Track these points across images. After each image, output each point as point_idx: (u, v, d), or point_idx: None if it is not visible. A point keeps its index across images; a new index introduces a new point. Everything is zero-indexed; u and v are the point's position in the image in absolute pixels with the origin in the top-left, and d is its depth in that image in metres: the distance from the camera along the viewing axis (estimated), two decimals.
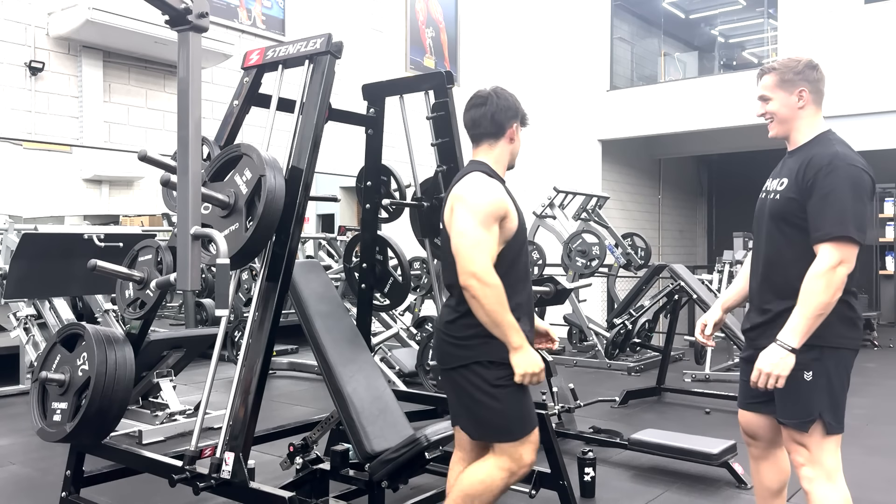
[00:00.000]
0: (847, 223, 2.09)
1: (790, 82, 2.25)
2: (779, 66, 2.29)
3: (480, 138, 2.39)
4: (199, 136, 2.33)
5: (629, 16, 13.68)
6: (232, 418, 2.56)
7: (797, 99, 2.26)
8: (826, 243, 2.10)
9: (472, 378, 2.28)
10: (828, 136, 2.27)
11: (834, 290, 2.08)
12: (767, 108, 2.31)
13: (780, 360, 2.10)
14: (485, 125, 2.36)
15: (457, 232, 2.24)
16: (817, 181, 2.14)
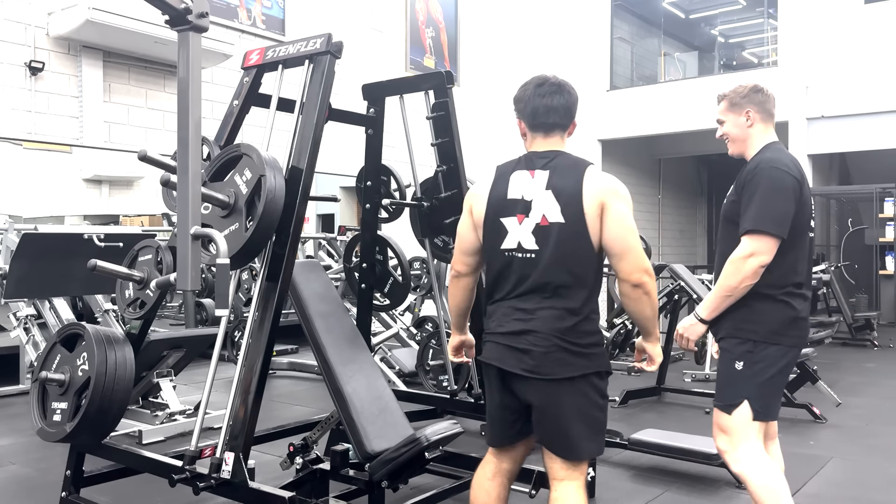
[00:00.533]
0: (763, 219, 2.34)
1: (738, 105, 2.54)
2: (728, 93, 2.59)
3: (554, 128, 2.22)
4: (199, 136, 2.33)
5: (629, 16, 13.68)
6: (232, 418, 2.55)
7: (745, 119, 2.53)
8: (745, 236, 2.37)
9: (590, 391, 2.11)
10: (769, 146, 2.53)
11: (741, 278, 2.36)
12: (723, 130, 2.60)
13: (690, 326, 2.50)
14: (562, 115, 2.21)
15: (628, 228, 2.10)
16: (746, 183, 2.44)
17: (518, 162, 2.23)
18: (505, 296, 2.18)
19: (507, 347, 2.15)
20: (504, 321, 2.17)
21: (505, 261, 2.17)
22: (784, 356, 2.42)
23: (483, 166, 5.62)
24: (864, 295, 9.92)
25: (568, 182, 2.12)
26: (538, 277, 2.12)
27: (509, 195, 2.17)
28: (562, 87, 2.21)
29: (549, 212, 2.12)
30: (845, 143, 10.95)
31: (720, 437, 2.48)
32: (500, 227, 2.17)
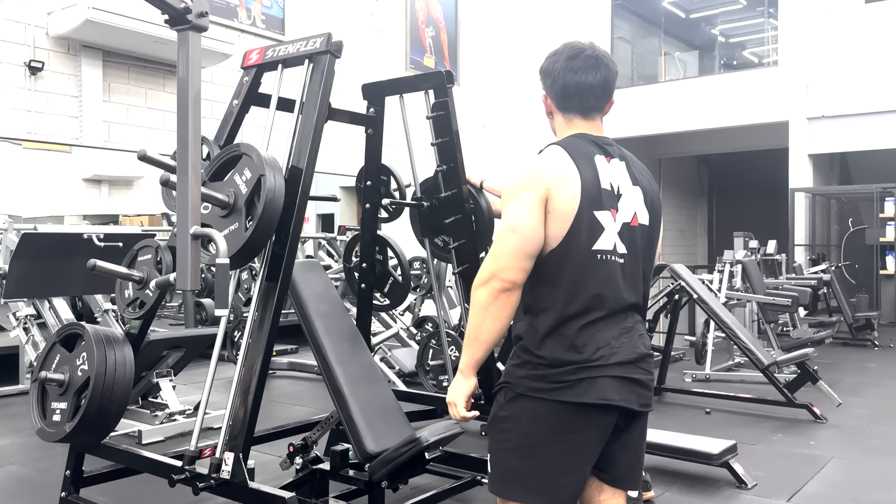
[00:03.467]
0: None
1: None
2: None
3: (591, 111, 1.91)
4: (198, 136, 2.33)
5: (629, 15, 13.68)
6: (232, 418, 2.55)
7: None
8: None
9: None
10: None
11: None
12: None
13: None
14: (598, 95, 1.90)
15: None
16: None
17: (583, 142, 1.83)
18: (607, 313, 1.74)
19: (625, 380, 1.73)
20: (616, 346, 1.73)
21: (597, 265, 1.73)
22: None
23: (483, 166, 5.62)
24: (865, 295, 9.91)
25: (646, 179, 1.89)
26: (629, 288, 1.79)
27: (602, 183, 1.77)
28: (600, 61, 1.87)
29: (640, 210, 1.84)
30: (846, 142, 10.95)
31: None
32: (595, 222, 1.74)
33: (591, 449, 1.75)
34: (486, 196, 3.38)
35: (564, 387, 1.69)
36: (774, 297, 6.66)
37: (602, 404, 1.70)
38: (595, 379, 1.70)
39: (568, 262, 1.72)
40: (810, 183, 11.18)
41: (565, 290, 1.72)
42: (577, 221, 1.71)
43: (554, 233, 1.72)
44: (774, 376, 5.19)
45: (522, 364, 1.76)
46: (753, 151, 13.51)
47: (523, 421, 1.74)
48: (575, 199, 1.71)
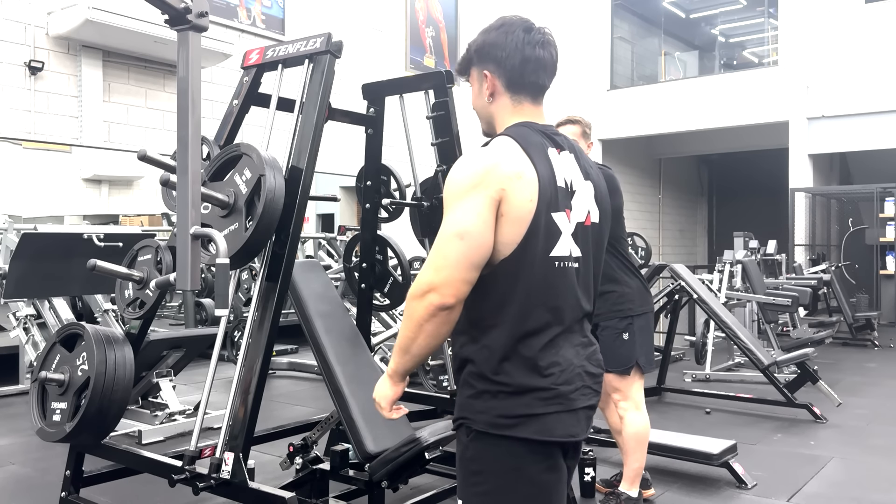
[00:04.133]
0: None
1: (588, 136, 3.25)
2: (582, 121, 3.25)
3: (542, 93, 1.67)
4: (198, 136, 2.33)
5: (629, 15, 13.68)
6: (232, 418, 2.55)
7: (588, 147, 3.22)
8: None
9: None
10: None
11: None
12: None
13: None
14: (551, 74, 1.67)
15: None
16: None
17: (533, 131, 1.58)
18: (566, 327, 1.53)
19: (586, 409, 1.56)
20: (577, 366, 1.53)
21: (555, 273, 1.50)
22: (651, 320, 3.29)
23: None
24: (865, 295, 9.91)
25: (597, 174, 1.66)
26: (584, 296, 1.58)
27: (558, 181, 1.53)
28: (550, 38, 1.68)
29: (592, 208, 1.60)
30: (846, 142, 10.95)
31: (617, 391, 3.16)
32: (553, 225, 1.50)
33: (565, 482, 1.58)
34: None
35: (529, 421, 1.47)
36: (774, 297, 6.66)
37: (571, 441, 1.53)
38: (560, 414, 1.49)
39: (523, 272, 1.47)
40: (810, 183, 11.18)
41: (521, 303, 1.48)
42: (533, 225, 1.47)
43: (507, 238, 1.46)
44: (774, 376, 5.19)
45: (479, 395, 1.49)
46: (753, 151, 13.51)
47: (491, 462, 1.49)
48: (532, 200, 1.46)
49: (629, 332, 3.13)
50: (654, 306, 3.44)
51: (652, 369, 3.45)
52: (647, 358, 3.17)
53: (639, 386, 3.21)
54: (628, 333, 3.13)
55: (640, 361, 3.15)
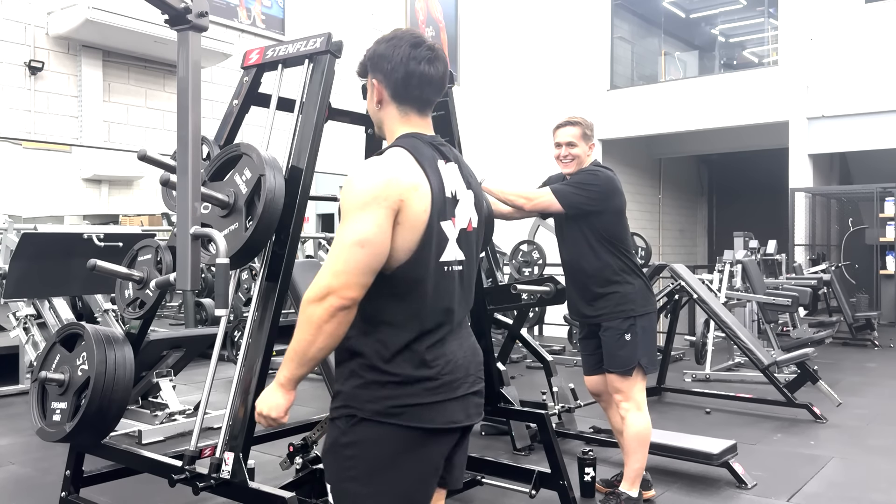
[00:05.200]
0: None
1: (589, 137, 3.24)
2: (581, 122, 3.23)
3: (429, 106, 1.77)
4: (198, 136, 2.33)
5: (629, 15, 13.68)
6: (231, 418, 2.55)
7: (589, 148, 3.24)
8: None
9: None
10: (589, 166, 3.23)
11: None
12: (571, 152, 3.21)
13: None
14: (438, 90, 1.78)
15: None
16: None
17: (423, 144, 1.69)
18: (454, 326, 1.69)
19: (469, 396, 1.70)
20: (461, 359, 1.69)
21: (444, 277, 1.65)
22: (654, 320, 3.28)
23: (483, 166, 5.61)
24: (865, 295, 9.91)
25: (474, 181, 1.80)
26: (466, 296, 1.74)
27: (446, 191, 1.67)
28: (438, 54, 1.75)
29: (473, 215, 1.75)
30: (846, 142, 10.95)
31: (619, 392, 3.16)
32: (442, 233, 1.64)
33: (438, 467, 1.69)
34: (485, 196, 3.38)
35: (414, 410, 1.59)
36: (774, 297, 6.66)
37: (450, 428, 1.65)
38: (444, 402, 1.63)
39: (419, 277, 1.60)
40: (810, 183, 11.18)
41: (417, 305, 1.61)
42: (426, 234, 1.59)
43: (404, 245, 1.58)
44: (774, 376, 5.19)
45: (367, 385, 1.60)
46: (753, 151, 13.52)
47: (370, 446, 1.60)
48: (426, 210, 1.59)
49: (632, 332, 3.11)
50: (656, 306, 3.41)
51: (654, 370, 3.46)
52: (649, 359, 3.16)
53: (641, 387, 3.19)
54: (630, 334, 3.11)
55: (643, 362, 3.13)
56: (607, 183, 3.18)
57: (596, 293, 3.16)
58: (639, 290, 3.17)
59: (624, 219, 3.24)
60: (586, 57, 12.81)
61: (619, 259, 3.16)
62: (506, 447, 4.16)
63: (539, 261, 7.57)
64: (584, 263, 3.18)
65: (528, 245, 7.67)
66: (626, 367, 3.12)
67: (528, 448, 4.12)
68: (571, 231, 3.21)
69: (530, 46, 13.08)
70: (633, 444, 3.15)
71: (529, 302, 3.62)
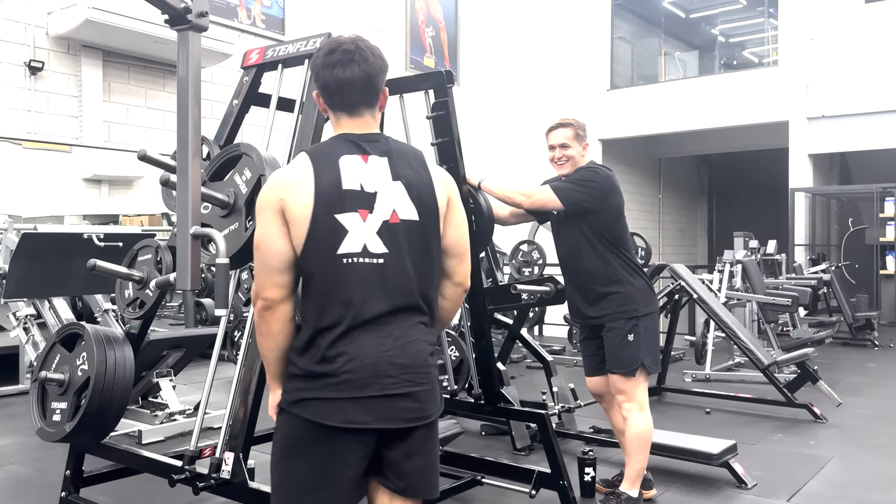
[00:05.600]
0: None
1: (581, 137, 3.22)
2: (573, 123, 3.23)
3: (356, 107, 1.77)
4: (198, 136, 2.33)
5: (629, 15, 13.68)
6: (232, 418, 2.55)
7: (583, 149, 3.23)
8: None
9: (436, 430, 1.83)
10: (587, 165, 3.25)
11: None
12: (566, 153, 3.20)
13: None
14: (361, 90, 1.75)
15: (466, 228, 1.84)
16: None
17: (338, 144, 1.75)
18: (364, 320, 1.65)
19: (385, 398, 1.65)
20: (374, 358, 1.65)
21: (344, 269, 1.65)
22: (657, 319, 3.30)
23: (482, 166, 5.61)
24: (865, 295, 9.91)
25: (416, 173, 1.76)
26: (394, 290, 1.68)
27: (345, 185, 1.69)
28: (357, 54, 1.73)
29: (401, 206, 1.71)
30: (846, 142, 10.95)
31: (622, 392, 3.14)
32: (337, 225, 1.66)
33: (346, 464, 1.66)
34: (485, 196, 3.38)
35: (313, 404, 1.64)
36: (774, 297, 6.66)
37: (349, 428, 1.63)
38: (343, 401, 1.63)
39: (311, 270, 1.67)
40: (810, 183, 11.18)
41: (317, 299, 1.66)
42: (313, 227, 1.65)
43: (295, 241, 1.66)
44: (774, 376, 5.19)
45: (290, 377, 1.71)
46: (753, 151, 13.51)
47: (283, 436, 1.70)
48: (307, 204, 1.65)
49: (635, 333, 3.09)
50: (658, 305, 3.42)
51: (657, 370, 3.44)
52: (652, 359, 3.16)
53: (643, 387, 3.18)
54: (634, 334, 3.09)
55: (646, 363, 3.12)
56: (607, 181, 3.18)
57: (598, 293, 3.15)
58: (641, 289, 3.16)
59: (623, 218, 3.23)
60: (586, 57, 12.81)
61: (620, 258, 3.15)
62: (506, 447, 4.16)
63: (539, 261, 7.57)
64: (585, 263, 3.16)
65: (528, 245, 7.67)
66: (629, 368, 3.11)
67: (528, 448, 4.12)
68: (571, 231, 3.20)
69: (530, 46, 13.08)
70: (634, 445, 3.14)
71: (529, 302, 3.61)
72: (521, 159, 11.47)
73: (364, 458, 1.67)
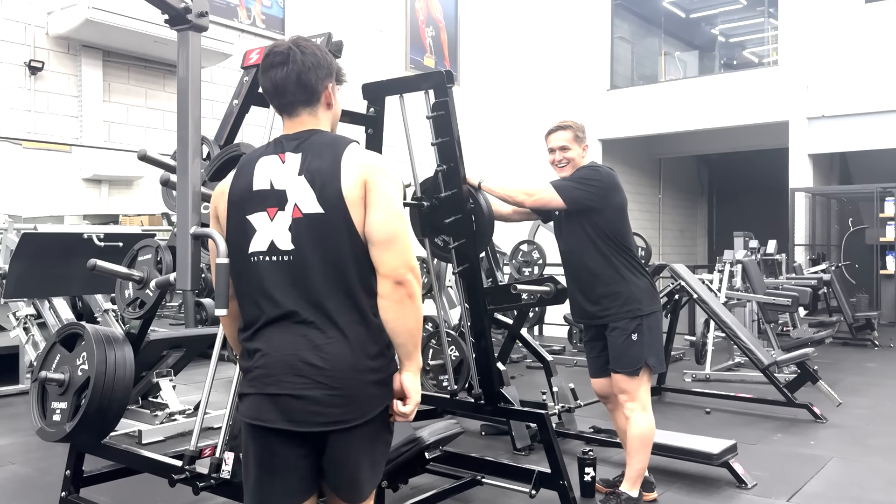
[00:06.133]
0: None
1: (580, 139, 3.25)
2: (572, 125, 3.25)
3: (293, 106, 1.78)
4: (198, 136, 2.33)
5: (629, 15, 13.68)
6: (232, 418, 2.55)
7: (583, 150, 3.26)
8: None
9: (388, 426, 1.78)
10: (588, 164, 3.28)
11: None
12: (566, 155, 3.23)
13: None
14: (294, 90, 1.76)
15: (395, 212, 1.69)
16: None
17: (266, 147, 1.81)
18: (273, 318, 1.66)
19: (283, 397, 1.63)
20: (279, 356, 1.65)
21: (251, 268, 1.69)
22: (660, 319, 3.30)
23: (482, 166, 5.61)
24: (865, 294, 9.91)
25: (323, 163, 1.70)
26: (301, 288, 1.66)
27: (255, 185, 1.72)
28: (289, 56, 1.74)
29: (303, 200, 1.68)
30: (846, 142, 10.95)
31: (625, 392, 3.15)
32: (246, 225, 1.71)
33: (281, 459, 1.67)
34: (484, 196, 3.38)
35: (244, 400, 1.71)
36: (774, 297, 6.66)
37: (259, 425, 1.67)
38: (253, 396, 1.68)
39: (232, 270, 1.76)
40: (810, 183, 11.18)
41: (238, 297, 1.77)
42: (228, 228, 1.76)
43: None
44: (774, 376, 5.19)
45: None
46: (753, 151, 13.51)
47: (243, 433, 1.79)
48: (224, 209, 1.77)
49: (638, 332, 3.10)
50: (661, 304, 3.42)
51: (662, 369, 3.45)
52: (657, 358, 3.16)
53: (646, 387, 3.19)
54: (637, 334, 3.09)
55: (650, 362, 3.13)
56: (609, 179, 3.18)
57: (601, 292, 3.15)
58: (644, 288, 3.15)
59: (626, 216, 3.23)
60: (586, 57, 12.81)
61: (622, 257, 3.15)
62: (506, 447, 4.16)
63: (539, 261, 7.57)
64: (588, 262, 3.16)
65: (528, 245, 7.67)
66: (633, 368, 3.11)
67: (528, 448, 4.12)
68: (573, 230, 3.20)
69: (530, 46, 13.08)
70: (636, 445, 3.14)
71: (529, 302, 3.61)
72: (521, 159, 11.47)
73: (300, 457, 1.68)
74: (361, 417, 1.66)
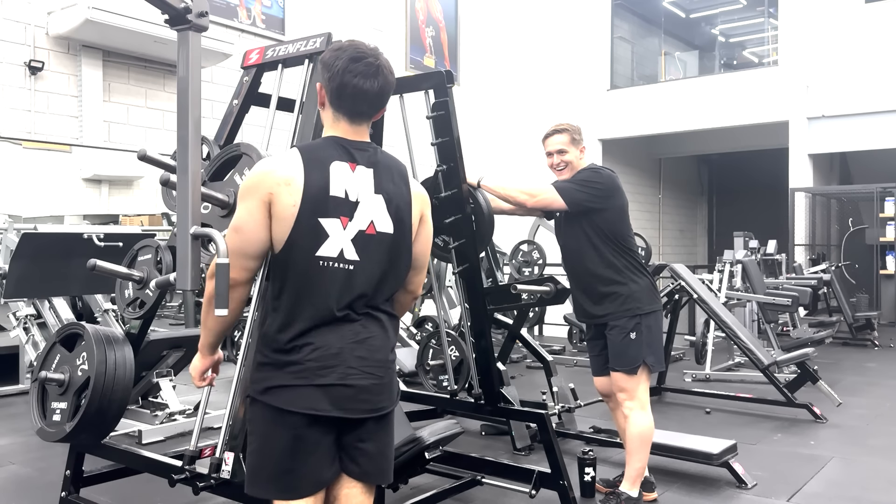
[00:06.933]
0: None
1: (577, 141, 3.27)
2: (568, 128, 3.27)
3: (361, 117, 1.86)
4: (198, 136, 2.33)
5: (629, 15, 13.68)
6: (232, 418, 2.55)
7: (580, 152, 3.28)
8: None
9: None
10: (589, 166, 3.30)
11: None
12: (563, 158, 3.26)
13: None
14: (371, 103, 1.85)
15: (431, 243, 1.98)
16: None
17: (334, 148, 1.81)
18: (331, 319, 1.75)
19: (344, 388, 1.74)
20: (338, 352, 1.74)
21: (319, 271, 1.74)
22: (660, 318, 3.32)
23: (482, 166, 5.62)
24: (865, 294, 9.91)
25: (397, 188, 1.84)
26: (364, 294, 1.78)
27: (332, 190, 1.76)
28: (380, 70, 1.80)
29: (379, 219, 1.80)
30: (846, 142, 10.95)
31: (624, 391, 3.17)
32: (319, 229, 1.74)
33: (317, 446, 1.75)
34: (484, 195, 3.38)
35: (281, 392, 1.73)
36: (774, 297, 6.66)
37: (312, 414, 1.72)
38: (307, 388, 1.72)
39: (291, 267, 1.75)
40: (810, 183, 11.18)
41: (290, 293, 1.76)
42: (297, 227, 1.73)
43: (277, 237, 1.74)
44: (774, 376, 5.19)
45: (258, 367, 1.80)
46: (753, 151, 13.51)
47: (258, 425, 1.79)
48: (295, 205, 1.72)
49: (637, 331, 3.11)
50: (662, 304, 3.43)
51: (661, 368, 3.46)
52: (655, 357, 3.18)
53: (645, 386, 3.20)
54: (636, 332, 3.11)
55: (649, 361, 3.15)
56: (610, 180, 3.19)
57: (602, 292, 3.16)
58: (644, 288, 3.17)
59: (627, 217, 3.24)
60: (586, 57, 12.81)
61: (623, 258, 3.16)
62: (506, 447, 4.16)
63: (539, 261, 7.57)
64: (588, 263, 3.17)
65: (528, 245, 7.67)
66: (631, 366, 3.12)
67: (528, 448, 4.12)
68: (574, 230, 3.21)
69: (530, 46, 13.08)
70: (635, 444, 3.14)
71: (529, 302, 3.61)
72: (521, 159, 11.47)
73: (329, 444, 1.77)
74: (393, 403, 1.84)
